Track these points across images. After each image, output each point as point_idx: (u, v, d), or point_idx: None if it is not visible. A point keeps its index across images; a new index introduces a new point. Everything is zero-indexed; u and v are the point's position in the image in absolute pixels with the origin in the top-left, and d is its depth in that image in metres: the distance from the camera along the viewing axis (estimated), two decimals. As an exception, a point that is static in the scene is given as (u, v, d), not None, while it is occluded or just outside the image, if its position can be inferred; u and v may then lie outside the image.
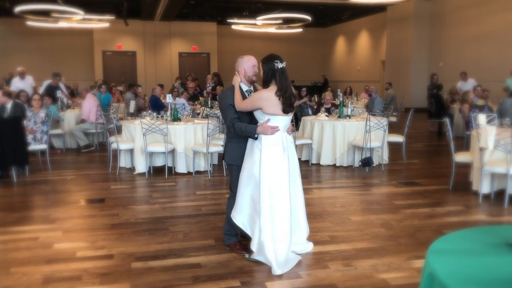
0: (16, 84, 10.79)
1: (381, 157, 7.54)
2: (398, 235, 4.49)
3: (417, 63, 17.27)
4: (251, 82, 3.89)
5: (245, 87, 3.88)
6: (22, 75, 10.97)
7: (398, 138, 7.99)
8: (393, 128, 10.44)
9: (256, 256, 3.74)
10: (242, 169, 3.80)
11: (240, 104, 3.74)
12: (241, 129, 3.77)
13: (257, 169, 3.68)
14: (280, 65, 3.67)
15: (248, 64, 3.84)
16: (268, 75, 3.69)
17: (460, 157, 6.15)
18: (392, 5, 17.14)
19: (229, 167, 4.11)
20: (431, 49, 17.02)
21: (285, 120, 3.73)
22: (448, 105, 11.44)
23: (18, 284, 3.43)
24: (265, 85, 3.73)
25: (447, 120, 6.33)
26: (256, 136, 3.72)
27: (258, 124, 3.71)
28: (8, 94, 7.35)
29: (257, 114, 3.74)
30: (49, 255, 3.98)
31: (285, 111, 3.67)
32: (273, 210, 3.66)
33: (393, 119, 10.94)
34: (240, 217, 3.83)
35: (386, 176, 7.11)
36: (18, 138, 6.51)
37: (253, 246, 3.71)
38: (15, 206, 5.52)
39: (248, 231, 3.80)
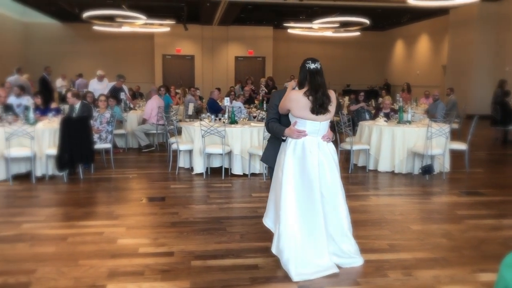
0: (94, 86, 11.40)
1: (443, 165, 7.27)
2: (461, 246, 4.31)
3: (481, 68, 16.52)
4: None
5: None
6: (100, 78, 11.61)
7: (461, 146, 7.68)
8: (454, 135, 10.04)
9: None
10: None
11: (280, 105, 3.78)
12: (272, 129, 3.81)
13: (281, 172, 3.64)
14: (312, 65, 3.59)
15: None
16: (301, 76, 3.65)
17: (529, 167, 5.82)
18: (455, 7, 16.51)
19: (268, 168, 4.14)
20: (497, 53, 16.22)
21: (315, 125, 3.61)
22: (515, 112, 10.87)
23: (85, 276, 3.61)
24: (300, 87, 3.68)
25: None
26: (284, 138, 3.72)
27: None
28: (77, 95, 7.78)
29: (290, 117, 3.72)
30: (113, 250, 4.15)
31: (315, 111, 3.55)
32: (298, 216, 3.57)
33: (455, 126, 10.53)
34: (270, 220, 3.85)
35: (447, 184, 6.86)
36: (85, 137, 6.84)
37: (273, 248, 3.67)
38: (81, 201, 5.81)
39: None
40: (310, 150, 3.61)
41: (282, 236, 3.58)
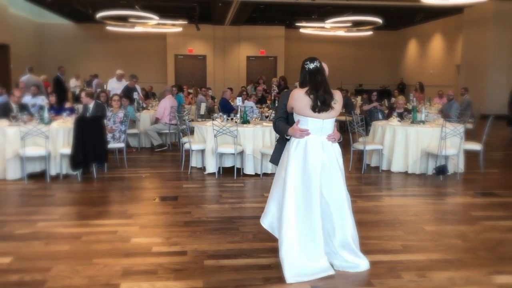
0: (112, 85, 11.48)
1: (457, 165, 7.19)
2: (477, 247, 4.26)
3: (496, 67, 16.32)
4: None
5: None
6: (119, 78, 11.67)
7: (476, 146, 7.59)
8: (468, 135, 9.93)
9: None
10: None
11: None
12: (278, 128, 3.81)
13: (284, 172, 3.62)
14: (311, 65, 3.59)
15: None
16: (301, 78, 3.65)
17: (546, 168, 5.74)
18: (470, 6, 16.32)
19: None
20: (512, 52, 16.03)
21: (317, 123, 3.56)
22: (531, 112, 10.71)
23: (100, 274, 3.64)
24: (302, 86, 3.66)
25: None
26: (287, 137, 3.71)
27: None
28: (91, 95, 7.85)
29: (294, 115, 3.70)
30: (127, 248, 4.18)
31: (316, 109, 3.52)
32: (297, 216, 3.53)
33: (469, 126, 10.40)
34: (268, 221, 3.84)
35: (461, 185, 6.79)
36: (99, 137, 6.89)
37: None
38: (95, 200, 5.85)
39: (276, 234, 3.78)
40: (312, 149, 3.57)
41: (282, 233, 3.55)
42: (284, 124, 3.77)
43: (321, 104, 3.52)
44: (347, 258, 3.66)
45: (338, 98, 3.62)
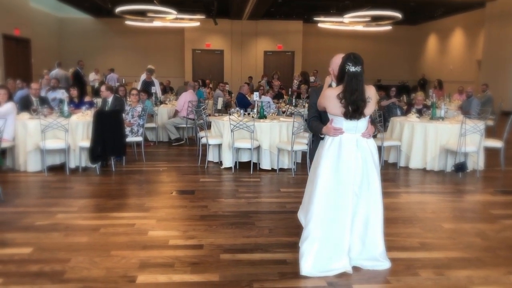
0: (143, 79, 11.59)
1: (476, 162, 7.08)
2: (496, 246, 4.19)
3: (518, 63, 15.97)
4: None
5: None
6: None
7: (496, 143, 7.46)
8: (489, 132, 9.74)
9: None
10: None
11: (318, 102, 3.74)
12: (312, 127, 3.82)
13: (317, 168, 3.60)
14: (352, 68, 3.41)
15: (335, 64, 3.71)
16: (339, 75, 3.53)
17: None
18: (493, 0, 15.99)
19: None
20: (536, 48, 15.65)
21: (352, 123, 3.50)
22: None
23: (117, 266, 3.68)
24: (338, 83, 3.57)
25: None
26: (322, 136, 3.69)
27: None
28: (110, 89, 7.93)
29: (328, 114, 3.65)
30: (145, 241, 4.22)
31: (348, 116, 3.45)
32: (325, 214, 3.50)
33: (490, 122, 10.21)
34: (302, 215, 3.87)
35: (481, 183, 6.68)
36: (117, 130, 6.96)
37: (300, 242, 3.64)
38: (113, 193, 5.92)
39: None
40: (346, 147, 3.53)
41: (308, 228, 3.55)
42: (318, 123, 3.76)
43: (352, 112, 3.44)
44: (379, 257, 3.63)
45: (371, 95, 3.52)
